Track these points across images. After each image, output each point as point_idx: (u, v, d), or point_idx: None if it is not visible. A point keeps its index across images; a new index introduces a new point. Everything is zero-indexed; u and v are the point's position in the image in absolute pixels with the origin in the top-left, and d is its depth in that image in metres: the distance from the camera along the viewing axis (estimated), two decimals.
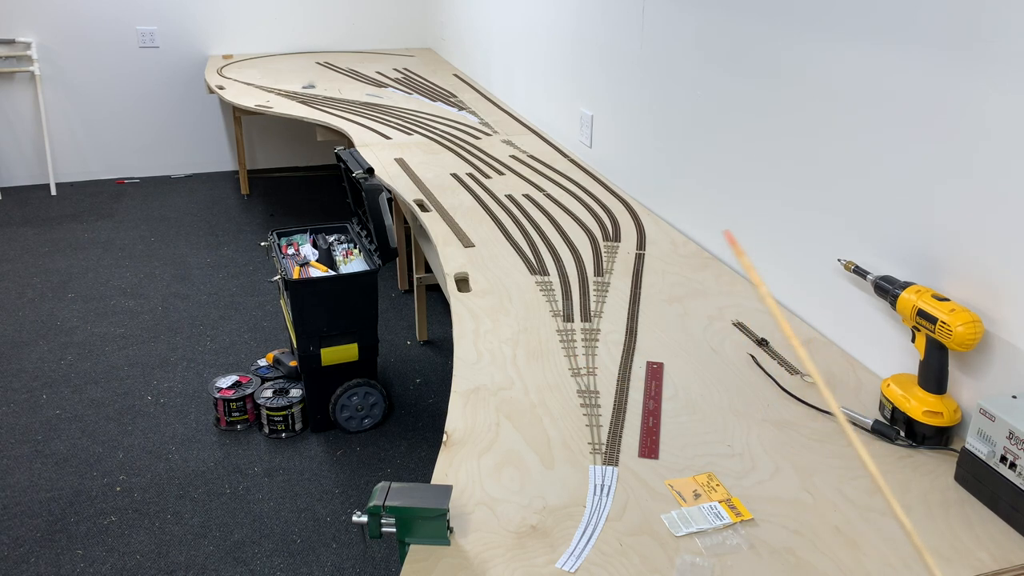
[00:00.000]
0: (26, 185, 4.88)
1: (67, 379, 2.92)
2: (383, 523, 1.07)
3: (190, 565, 2.10)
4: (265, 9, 5.01)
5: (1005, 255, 1.26)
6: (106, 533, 2.21)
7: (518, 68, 3.58)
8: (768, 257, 1.88)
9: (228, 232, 4.26)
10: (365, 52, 5.17)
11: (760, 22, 1.83)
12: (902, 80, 1.43)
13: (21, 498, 2.33)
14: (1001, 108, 1.24)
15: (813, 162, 1.69)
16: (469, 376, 1.49)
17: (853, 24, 1.54)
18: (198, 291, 3.59)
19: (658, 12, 2.29)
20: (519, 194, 2.50)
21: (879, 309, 1.52)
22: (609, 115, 2.68)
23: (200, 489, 2.38)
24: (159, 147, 5.08)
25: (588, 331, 1.67)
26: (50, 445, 2.56)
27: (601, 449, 1.30)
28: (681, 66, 2.19)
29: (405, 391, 2.89)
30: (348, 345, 2.54)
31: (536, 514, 1.15)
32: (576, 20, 2.88)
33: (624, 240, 2.17)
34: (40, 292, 3.56)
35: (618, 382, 1.49)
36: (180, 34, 4.90)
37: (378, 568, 2.11)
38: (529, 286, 1.87)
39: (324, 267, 2.56)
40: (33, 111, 4.77)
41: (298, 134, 5.23)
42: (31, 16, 4.61)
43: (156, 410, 2.75)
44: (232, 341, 3.18)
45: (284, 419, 2.59)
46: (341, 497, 2.35)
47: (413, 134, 3.22)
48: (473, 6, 4.24)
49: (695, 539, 1.11)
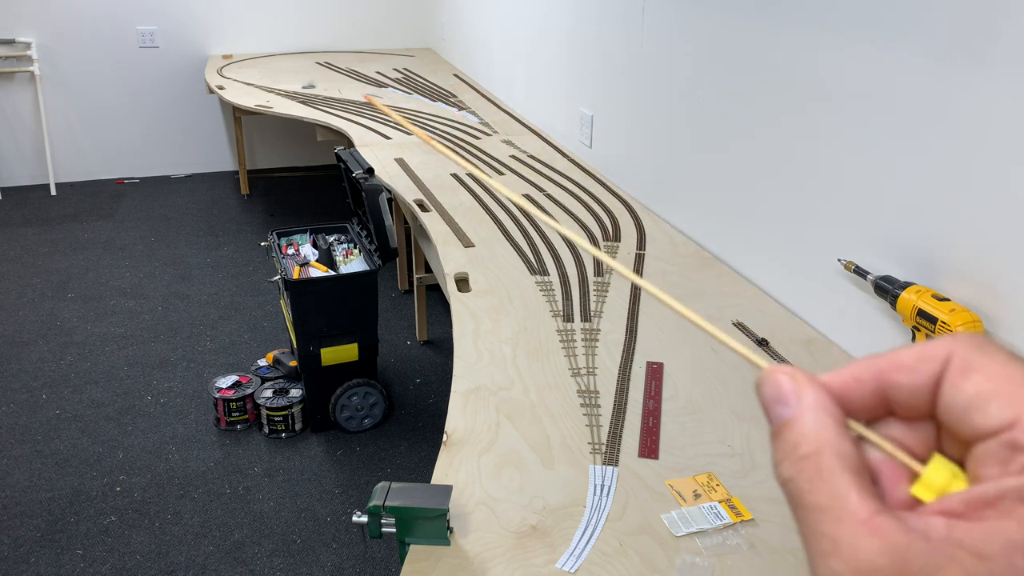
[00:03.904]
0: (26, 185, 4.87)
1: (67, 379, 2.92)
2: (383, 523, 1.07)
3: (190, 565, 2.10)
4: (265, 9, 5.01)
5: (1005, 255, 1.26)
6: (106, 533, 2.20)
7: (518, 68, 3.58)
8: (768, 256, 1.88)
9: (228, 232, 4.26)
10: (365, 52, 5.17)
11: (760, 22, 1.83)
12: (903, 81, 1.43)
13: (21, 498, 2.33)
14: (1002, 109, 1.24)
15: (814, 162, 1.69)
16: (469, 376, 1.49)
17: (854, 26, 1.54)
18: (198, 291, 3.59)
19: (658, 12, 2.29)
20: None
21: (879, 309, 1.52)
22: (609, 115, 2.68)
23: (200, 489, 2.38)
24: (159, 147, 5.08)
25: (588, 331, 1.67)
26: (50, 445, 2.56)
27: (601, 449, 1.30)
28: (681, 66, 2.19)
29: (405, 391, 2.89)
30: (348, 345, 2.54)
31: (536, 514, 1.15)
32: (576, 20, 2.88)
33: (624, 240, 2.17)
34: (40, 292, 3.56)
35: (618, 382, 1.49)
36: (180, 34, 4.90)
37: (378, 568, 2.11)
38: (529, 286, 1.87)
39: (324, 267, 2.56)
40: (33, 111, 4.77)
41: (298, 134, 5.23)
42: (31, 16, 4.61)
43: (156, 410, 2.75)
44: (232, 341, 3.18)
45: (284, 419, 2.59)
46: (341, 497, 2.35)
47: (413, 134, 3.21)
48: (473, 6, 4.24)
49: (695, 539, 1.11)
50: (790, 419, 0.30)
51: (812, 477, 0.29)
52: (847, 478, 0.28)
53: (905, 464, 0.30)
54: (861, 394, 0.31)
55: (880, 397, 0.31)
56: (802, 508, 0.29)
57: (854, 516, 0.27)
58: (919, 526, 0.27)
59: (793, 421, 0.30)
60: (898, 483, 0.30)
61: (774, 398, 0.31)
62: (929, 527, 0.27)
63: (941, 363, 0.30)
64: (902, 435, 0.31)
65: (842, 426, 0.30)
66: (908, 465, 0.30)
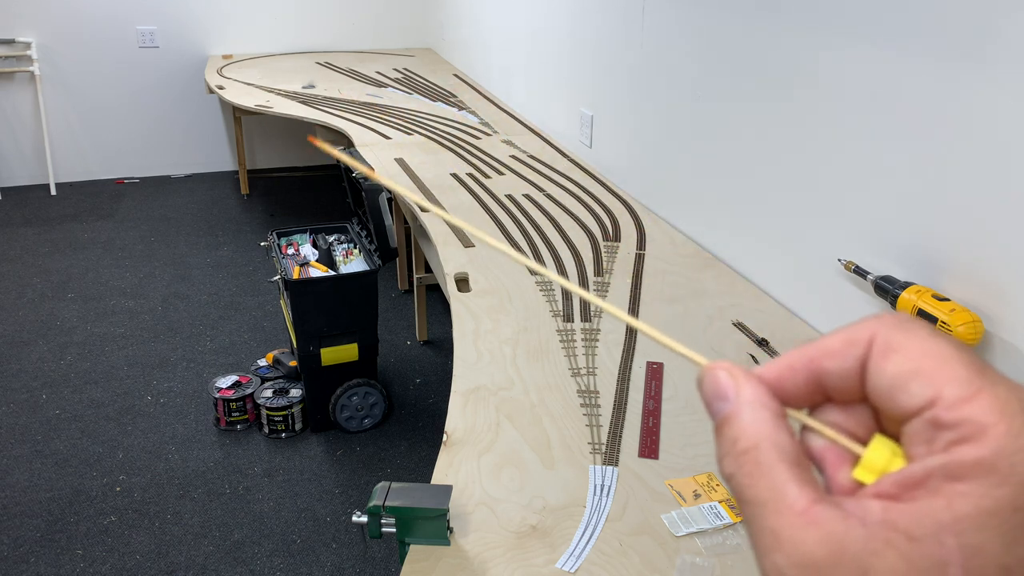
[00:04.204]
0: (26, 185, 4.87)
1: (67, 379, 2.92)
2: (383, 523, 1.07)
3: (190, 565, 2.10)
4: (265, 9, 5.01)
5: (1005, 255, 1.26)
6: (106, 533, 2.20)
7: (518, 68, 3.58)
8: (768, 256, 1.88)
9: (228, 232, 4.26)
10: (365, 52, 5.17)
11: (760, 22, 1.83)
12: (903, 81, 1.43)
13: (21, 498, 2.33)
14: (1002, 109, 1.24)
15: (814, 162, 1.69)
16: (469, 376, 1.49)
17: (854, 26, 1.54)
18: (198, 291, 3.59)
19: (658, 12, 2.29)
20: (519, 194, 2.50)
21: (879, 309, 1.52)
22: (609, 115, 2.68)
23: (200, 489, 2.38)
24: (159, 147, 5.08)
25: (588, 331, 1.67)
26: (50, 445, 2.56)
27: (601, 449, 1.30)
28: (681, 66, 2.19)
29: (405, 391, 2.89)
30: (348, 345, 2.54)
31: (536, 514, 1.15)
32: (576, 20, 2.88)
33: (624, 240, 2.17)
34: (40, 292, 3.56)
35: (618, 382, 1.49)
36: (180, 34, 4.90)
37: (378, 568, 2.11)
38: (529, 286, 1.87)
39: (324, 267, 2.56)
40: (33, 111, 4.77)
41: (298, 134, 5.23)
42: (31, 16, 4.61)
43: (156, 410, 2.75)
44: (232, 341, 3.18)
45: (284, 419, 2.59)
46: (341, 497, 2.35)
47: (413, 134, 3.22)
48: (473, 6, 4.24)
49: (695, 539, 1.11)
50: (729, 414, 0.30)
51: (752, 471, 0.29)
52: (784, 469, 0.28)
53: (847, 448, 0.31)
54: (795, 383, 0.31)
55: (814, 384, 0.31)
56: (744, 503, 0.29)
57: (791, 508, 0.27)
58: (856, 511, 0.27)
59: (732, 416, 0.30)
60: (840, 468, 0.30)
61: (714, 394, 0.31)
62: (866, 511, 0.27)
63: (865, 346, 0.30)
64: (842, 420, 0.31)
65: (780, 418, 0.30)
66: (849, 448, 0.30)
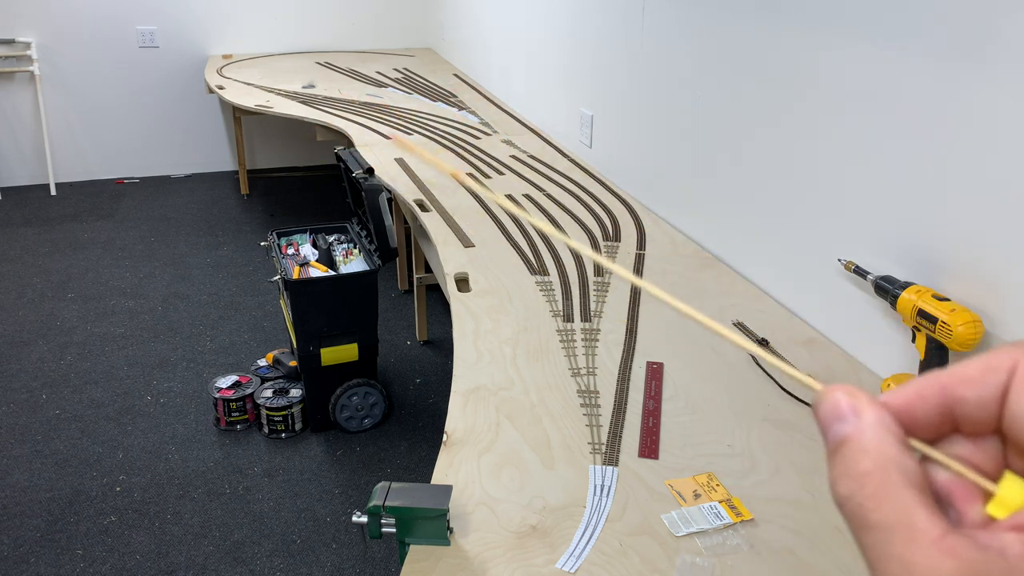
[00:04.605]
0: (26, 185, 4.87)
1: (67, 379, 2.92)
2: (383, 523, 1.07)
3: (190, 565, 2.10)
4: (265, 9, 5.01)
5: (1005, 255, 1.26)
6: (106, 533, 2.20)
7: (518, 68, 3.58)
8: (768, 256, 1.88)
9: (228, 232, 4.26)
10: (365, 52, 5.17)
11: (760, 22, 1.83)
12: (903, 81, 1.43)
13: (21, 498, 2.33)
14: (1002, 109, 1.24)
15: (813, 162, 1.69)
16: (469, 376, 1.49)
17: (854, 26, 1.54)
18: (198, 291, 3.59)
19: (658, 12, 2.29)
20: (519, 194, 2.50)
21: (879, 309, 1.52)
22: (609, 115, 2.68)
23: (200, 489, 2.38)
24: (159, 147, 5.08)
25: (588, 331, 1.67)
26: (50, 445, 2.56)
27: (601, 449, 1.30)
28: (681, 66, 2.19)
29: (405, 391, 2.89)
30: (348, 345, 2.54)
31: (536, 514, 1.15)
32: (576, 20, 2.88)
33: (624, 240, 2.17)
34: (40, 292, 3.56)
35: (618, 382, 1.49)
36: (180, 34, 4.90)
37: (378, 568, 2.11)
38: (529, 286, 1.87)
39: (324, 267, 2.55)
40: (33, 111, 4.77)
41: (298, 134, 5.23)
42: (31, 16, 4.61)
43: (156, 410, 2.75)
44: (232, 341, 3.18)
45: (284, 419, 2.59)
46: (341, 497, 2.35)
47: (413, 134, 3.22)
48: (473, 6, 4.24)
49: (695, 539, 1.11)
50: (849, 435, 0.29)
51: (875, 493, 0.27)
52: (913, 495, 0.27)
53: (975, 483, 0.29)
54: (925, 411, 0.30)
55: (945, 414, 0.30)
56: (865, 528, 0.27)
57: (925, 535, 0.26)
58: (993, 543, 0.26)
59: (852, 437, 0.28)
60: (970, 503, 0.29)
61: (832, 416, 0.30)
62: (1004, 544, 0.26)
63: (1007, 373, 0.28)
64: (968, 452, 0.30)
65: (904, 444, 0.28)
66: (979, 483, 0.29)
